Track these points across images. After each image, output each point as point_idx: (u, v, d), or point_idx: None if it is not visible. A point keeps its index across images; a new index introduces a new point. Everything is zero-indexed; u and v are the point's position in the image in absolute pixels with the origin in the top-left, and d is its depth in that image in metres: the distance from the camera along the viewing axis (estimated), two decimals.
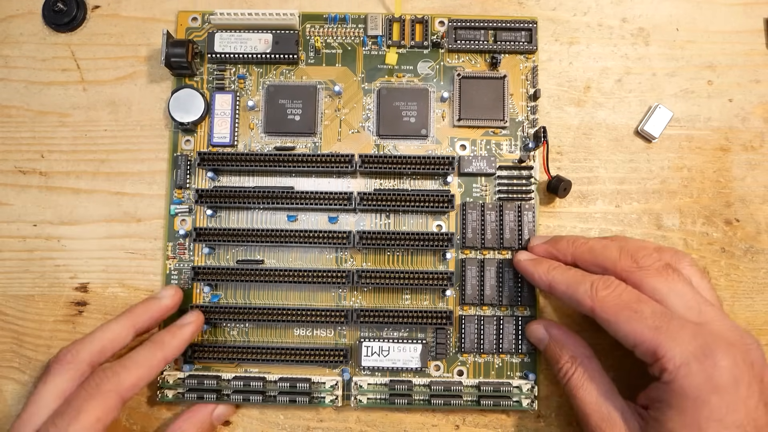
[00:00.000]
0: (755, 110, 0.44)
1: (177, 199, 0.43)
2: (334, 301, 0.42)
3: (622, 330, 0.33)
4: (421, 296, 0.42)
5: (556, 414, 0.42)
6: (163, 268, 0.43)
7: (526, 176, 0.43)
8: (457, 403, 0.40)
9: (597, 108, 0.44)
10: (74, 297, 0.43)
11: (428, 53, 0.44)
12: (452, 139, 0.43)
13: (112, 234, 0.43)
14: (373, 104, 0.44)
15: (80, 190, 0.44)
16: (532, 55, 0.44)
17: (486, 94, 0.43)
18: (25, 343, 0.43)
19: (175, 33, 0.44)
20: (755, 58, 0.45)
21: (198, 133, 0.44)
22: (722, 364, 0.31)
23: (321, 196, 0.41)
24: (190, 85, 0.43)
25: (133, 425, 0.42)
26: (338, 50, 0.44)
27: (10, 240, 0.44)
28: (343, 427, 0.42)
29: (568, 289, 0.36)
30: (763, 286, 0.43)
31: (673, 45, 0.45)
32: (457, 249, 0.42)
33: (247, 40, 0.43)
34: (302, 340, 0.42)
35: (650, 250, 0.36)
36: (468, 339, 0.41)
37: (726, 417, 0.30)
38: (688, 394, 0.31)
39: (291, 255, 0.43)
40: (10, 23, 0.45)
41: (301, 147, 0.43)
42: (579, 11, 0.45)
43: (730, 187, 0.44)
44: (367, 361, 0.41)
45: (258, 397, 0.40)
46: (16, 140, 0.44)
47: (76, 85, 0.45)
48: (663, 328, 0.32)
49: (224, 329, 0.42)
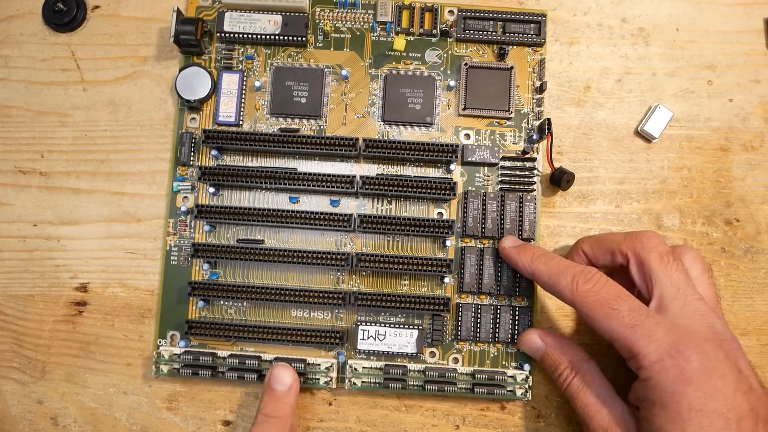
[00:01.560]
0: (755, 110, 0.44)
1: (180, 176, 0.43)
2: (332, 283, 0.42)
3: (600, 326, 0.34)
4: (419, 282, 0.42)
5: (556, 414, 0.42)
6: (163, 244, 0.43)
7: (529, 168, 0.43)
8: (451, 390, 0.40)
9: (597, 108, 0.44)
10: (74, 297, 0.43)
11: (436, 42, 0.44)
12: (457, 127, 0.44)
13: (112, 234, 0.43)
14: (379, 90, 0.44)
15: (80, 190, 0.44)
16: (539, 48, 0.44)
17: (492, 84, 0.43)
18: (25, 343, 0.43)
19: (186, 11, 0.44)
20: (755, 58, 0.45)
21: (204, 112, 0.44)
22: (693, 358, 0.32)
23: (324, 179, 0.41)
24: (198, 64, 0.43)
25: (133, 425, 0.42)
26: (347, 35, 0.44)
27: (10, 240, 0.44)
28: (343, 427, 0.42)
29: (549, 279, 0.37)
30: (763, 286, 0.43)
31: (673, 45, 0.45)
32: (457, 237, 0.43)
33: (256, 20, 0.43)
34: (299, 321, 0.42)
35: (654, 236, 0.37)
36: (464, 327, 0.42)
37: (705, 406, 0.31)
38: (666, 388, 0.32)
39: (291, 236, 0.43)
40: (10, 23, 0.45)
41: (306, 129, 0.44)
42: (579, 11, 0.45)
43: (730, 187, 0.44)
44: (363, 344, 0.41)
45: (253, 375, 0.40)
46: (16, 140, 0.44)
47: (76, 85, 0.45)
48: (639, 327, 0.33)
49: (222, 307, 0.42)
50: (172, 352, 0.41)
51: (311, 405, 0.42)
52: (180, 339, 0.42)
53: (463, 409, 0.42)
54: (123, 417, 0.42)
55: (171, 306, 0.42)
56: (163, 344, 0.42)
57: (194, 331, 0.41)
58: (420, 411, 0.42)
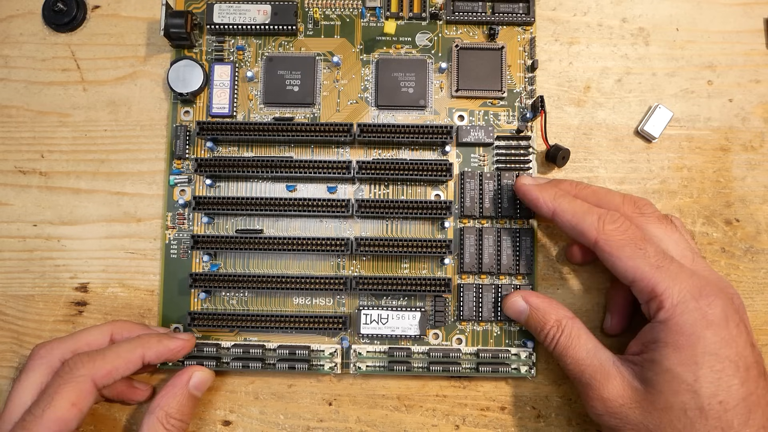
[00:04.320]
0: (755, 110, 0.44)
1: (176, 169, 0.43)
2: (333, 269, 0.43)
3: (624, 265, 0.34)
4: (419, 264, 0.42)
5: (556, 414, 0.42)
6: (162, 236, 0.43)
7: (524, 146, 0.43)
8: (455, 370, 0.40)
9: (597, 108, 0.44)
10: (74, 297, 0.43)
11: (426, 25, 0.44)
12: (450, 109, 0.44)
13: (112, 234, 0.43)
14: (371, 75, 0.44)
15: (80, 190, 0.44)
16: (529, 27, 0.44)
17: (484, 65, 0.44)
18: (25, 343, 0.43)
19: (174, 5, 0.44)
20: (755, 58, 0.45)
21: (197, 104, 0.44)
22: (716, 303, 0.33)
23: (320, 165, 0.41)
24: (189, 57, 0.43)
25: (133, 425, 0.42)
26: (337, 22, 0.44)
27: (10, 240, 0.44)
28: (343, 427, 0.42)
29: (573, 217, 0.36)
30: (763, 286, 0.43)
31: (673, 45, 0.45)
32: (455, 218, 0.43)
33: (245, 11, 0.43)
34: (301, 308, 0.42)
35: (650, 203, 0.38)
36: (467, 307, 0.42)
37: (720, 351, 0.32)
38: (684, 330, 0.32)
39: (290, 224, 0.43)
40: (10, 23, 0.45)
41: (300, 118, 0.44)
42: (579, 11, 0.45)
43: (730, 187, 0.44)
44: (366, 328, 0.41)
45: (257, 364, 0.40)
46: (16, 140, 0.44)
47: (76, 85, 0.45)
48: (664, 268, 0.34)
49: (223, 298, 0.42)
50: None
51: (311, 405, 0.42)
52: (183, 331, 0.42)
53: (463, 409, 0.42)
54: (123, 417, 0.42)
55: (172, 299, 0.42)
56: None
57: (197, 323, 0.41)
58: (420, 411, 0.42)
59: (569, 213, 0.37)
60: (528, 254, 0.42)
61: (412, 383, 0.42)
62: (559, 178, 0.43)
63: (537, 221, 0.43)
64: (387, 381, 0.42)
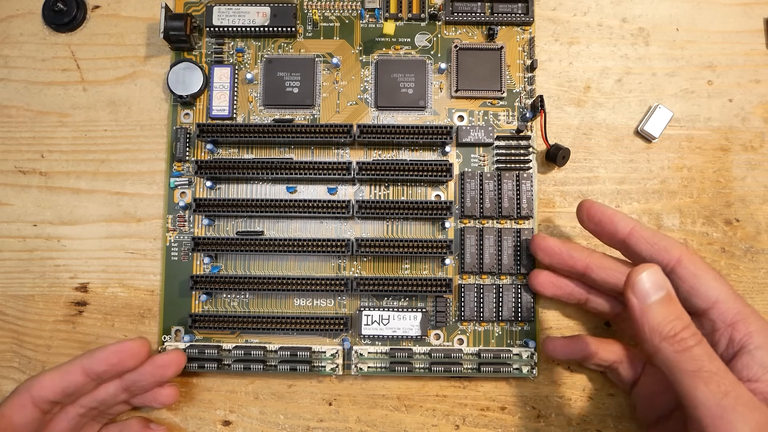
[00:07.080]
0: (755, 110, 0.44)
1: (176, 171, 0.43)
2: (333, 270, 0.43)
3: (709, 284, 0.33)
4: (420, 265, 0.42)
5: (556, 414, 0.42)
6: (163, 241, 0.43)
7: (524, 146, 0.43)
8: (457, 370, 0.40)
9: (597, 108, 0.44)
10: (74, 297, 0.43)
11: (425, 26, 0.44)
12: (450, 110, 0.44)
13: (112, 234, 0.43)
14: (371, 76, 0.44)
15: (80, 190, 0.44)
16: (528, 27, 0.44)
17: (483, 65, 0.44)
18: (25, 343, 0.43)
19: (174, 7, 0.44)
20: (755, 58, 0.45)
21: (197, 107, 0.44)
22: None
23: (320, 167, 0.41)
24: (189, 59, 0.44)
25: None
26: (336, 23, 0.44)
27: (10, 240, 0.44)
28: (343, 427, 0.42)
29: (654, 235, 0.35)
30: (763, 286, 0.43)
31: (673, 45, 0.45)
32: (456, 218, 0.43)
33: (245, 13, 0.43)
34: (303, 310, 0.42)
35: None
36: (468, 307, 0.42)
37: None
38: None
39: (291, 226, 0.43)
40: (10, 23, 0.45)
41: (300, 119, 0.44)
42: (579, 11, 0.45)
43: (730, 187, 0.44)
44: (368, 329, 0.41)
45: (259, 365, 0.40)
46: (16, 140, 0.44)
47: (76, 85, 0.45)
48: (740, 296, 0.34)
49: (224, 300, 0.42)
50: (177, 347, 0.41)
51: (311, 405, 0.42)
52: (184, 334, 0.42)
53: (463, 409, 0.42)
54: (123, 417, 0.42)
55: (173, 301, 0.42)
56: (167, 340, 0.42)
57: (198, 325, 0.41)
58: (420, 411, 0.42)
59: (649, 230, 0.36)
60: (529, 254, 0.42)
61: (412, 383, 0.42)
62: (559, 177, 0.43)
63: (537, 221, 0.43)
64: (387, 381, 0.42)
